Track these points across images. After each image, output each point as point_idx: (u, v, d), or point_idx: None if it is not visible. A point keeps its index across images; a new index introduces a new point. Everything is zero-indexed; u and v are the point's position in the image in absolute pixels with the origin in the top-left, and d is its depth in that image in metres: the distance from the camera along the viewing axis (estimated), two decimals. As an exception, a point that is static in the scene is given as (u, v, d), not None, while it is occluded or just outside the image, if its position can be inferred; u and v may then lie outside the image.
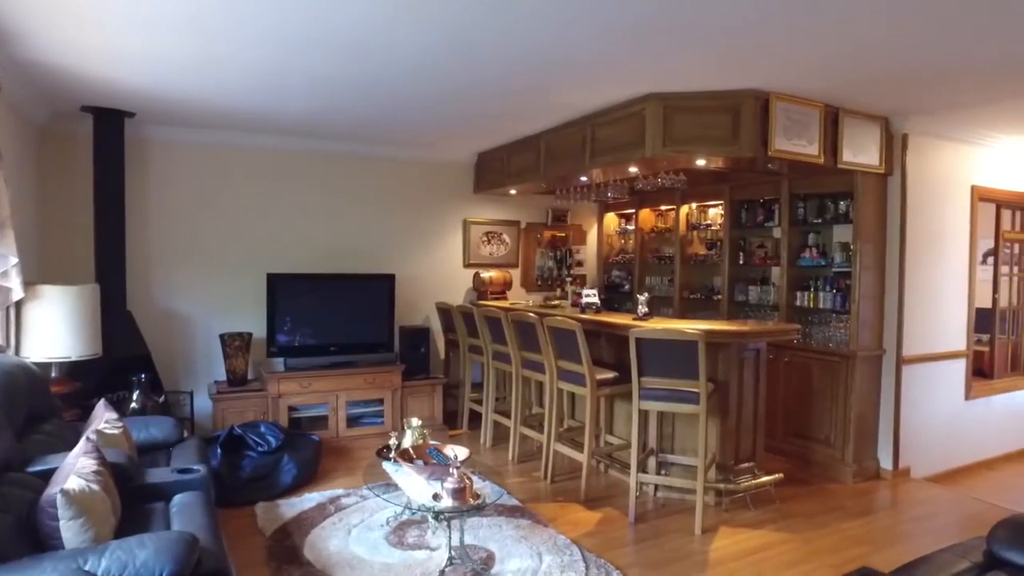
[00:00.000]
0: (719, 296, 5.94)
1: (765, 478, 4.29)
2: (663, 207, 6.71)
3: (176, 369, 5.47)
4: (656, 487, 4.42)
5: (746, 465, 4.34)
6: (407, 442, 3.72)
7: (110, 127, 4.81)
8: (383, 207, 6.31)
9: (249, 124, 5.25)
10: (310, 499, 4.23)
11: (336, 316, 5.72)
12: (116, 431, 3.12)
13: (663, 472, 4.42)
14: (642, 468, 4.29)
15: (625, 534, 3.88)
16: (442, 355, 6.59)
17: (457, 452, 3.33)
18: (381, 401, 5.70)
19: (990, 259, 6.04)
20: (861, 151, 4.64)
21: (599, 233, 7.54)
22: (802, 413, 5.12)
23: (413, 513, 3.74)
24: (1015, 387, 5.92)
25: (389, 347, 5.88)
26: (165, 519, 2.66)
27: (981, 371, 5.82)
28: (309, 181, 5.98)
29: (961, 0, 2.70)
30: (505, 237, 6.94)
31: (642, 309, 4.60)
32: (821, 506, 4.35)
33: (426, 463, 3.45)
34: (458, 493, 3.09)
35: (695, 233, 6.42)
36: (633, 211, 6.99)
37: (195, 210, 5.55)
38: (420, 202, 6.50)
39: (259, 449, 4.38)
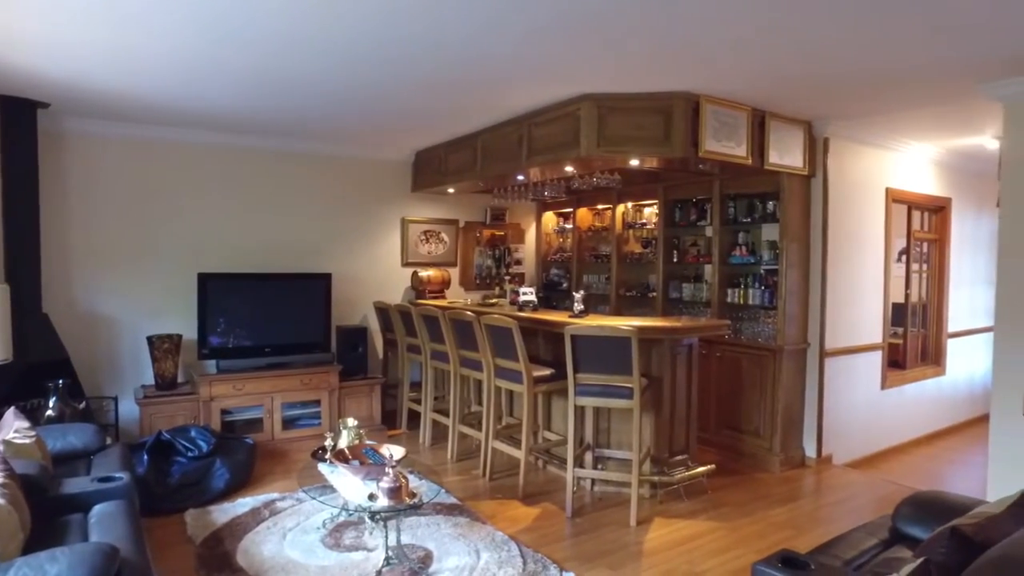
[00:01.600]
0: (654, 293, 6.09)
1: (698, 470, 4.42)
2: (600, 206, 6.83)
3: (99, 374, 5.22)
4: (593, 481, 4.50)
5: (680, 458, 4.47)
6: (343, 443, 3.68)
7: (19, 117, 4.54)
8: (320, 205, 6.20)
9: (177, 118, 5.06)
10: (244, 504, 4.12)
11: (271, 316, 5.59)
12: (27, 440, 2.97)
13: (600, 467, 4.50)
14: (579, 463, 4.36)
15: (562, 528, 3.94)
16: (380, 355, 6.52)
17: (393, 451, 3.31)
18: (318, 402, 5.60)
19: (903, 257, 6.39)
20: (786, 153, 4.84)
21: (537, 232, 7.61)
22: (733, 406, 5.31)
23: (350, 514, 3.69)
24: (924, 376, 6.29)
25: (326, 347, 5.78)
26: (83, 531, 2.54)
27: (896, 362, 6.15)
28: (243, 178, 5.81)
29: (875, 16, 2.87)
30: (444, 236, 6.92)
31: (578, 307, 4.68)
32: (750, 495, 4.51)
33: (362, 463, 3.41)
34: (394, 492, 3.07)
35: (631, 232, 6.56)
36: (571, 210, 7.09)
37: (121, 207, 5.31)
38: (358, 200, 6.41)
39: (189, 454, 4.24)
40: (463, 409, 5.30)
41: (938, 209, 6.52)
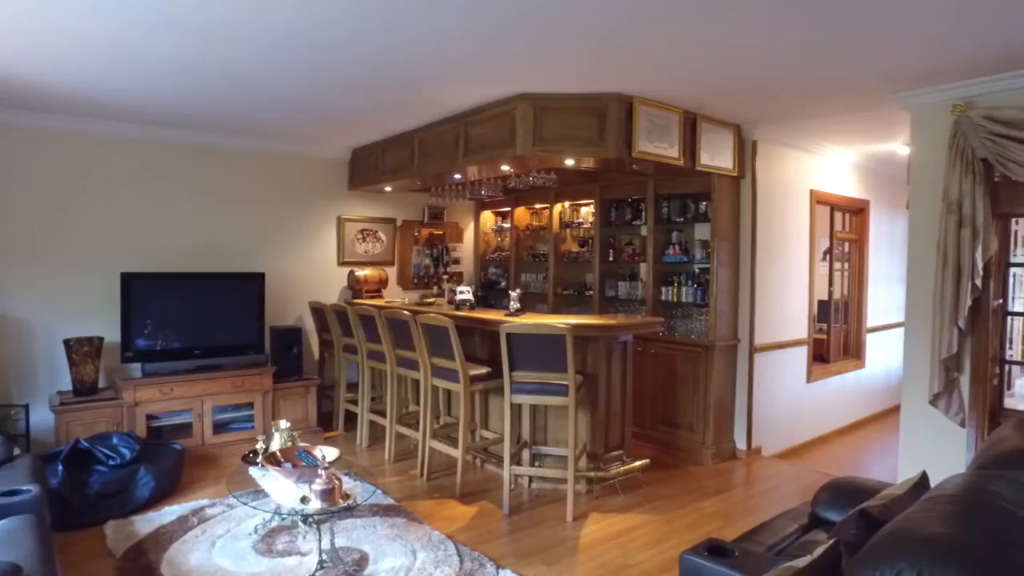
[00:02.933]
0: (591, 292, 6.18)
1: (633, 464, 4.51)
2: (538, 205, 6.88)
3: (8, 380, 4.92)
4: (530, 479, 4.53)
5: (615, 453, 4.54)
6: (275, 445, 3.59)
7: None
8: (253, 203, 6.02)
9: (101, 110, 4.82)
10: (170, 512, 3.97)
11: (202, 317, 5.40)
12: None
13: (537, 464, 4.54)
14: (516, 461, 4.39)
15: (500, 526, 3.95)
16: (316, 355, 6.40)
17: (326, 453, 3.25)
18: (251, 405, 5.44)
19: (827, 256, 6.67)
20: (717, 155, 4.99)
21: (476, 231, 7.61)
22: (668, 401, 5.44)
23: (282, 519, 3.61)
24: (846, 369, 6.60)
25: (259, 348, 5.63)
26: (-17, 550, 2.39)
27: (820, 356, 6.43)
28: (172, 174, 5.59)
29: (794, 27, 2.99)
30: (381, 235, 6.84)
31: (514, 305, 4.70)
32: (683, 487, 4.63)
33: (295, 466, 3.34)
34: (327, 494, 3.02)
35: (568, 231, 6.64)
36: (509, 209, 7.12)
37: (35, 203, 5.02)
38: (292, 198, 6.26)
39: (111, 463, 4.05)
40: (400, 409, 5.26)
41: (858, 211, 6.85)
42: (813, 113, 4.77)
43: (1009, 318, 4.32)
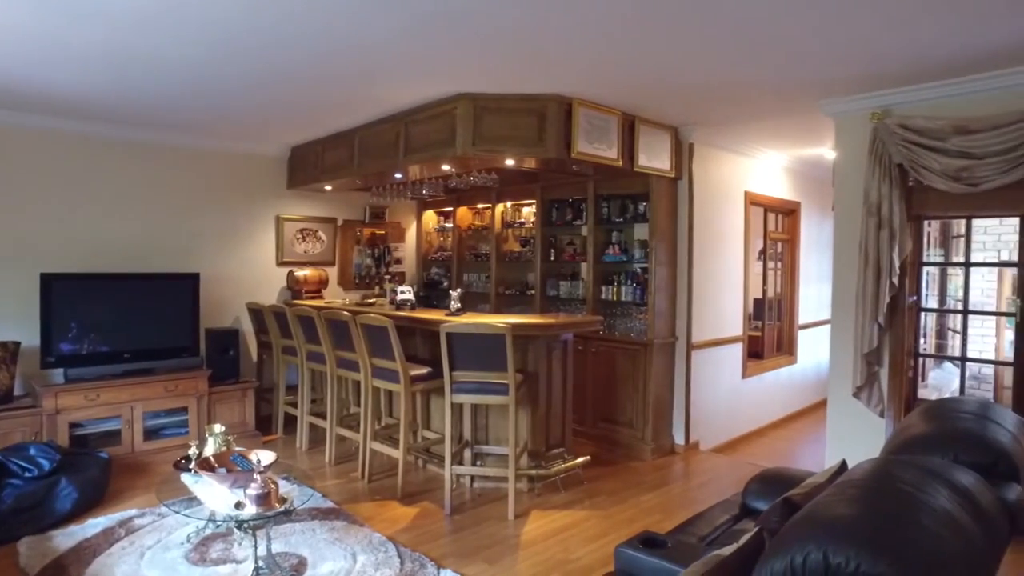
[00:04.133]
0: (533, 291, 6.23)
1: (574, 461, 4.57)
2: (480, 205, 6.89)
3: (-81, 387, 4.63)
4: (472, 478, 4.53)
5: (556, 451, 4.59)
6: (209, 450, 3.49)
7: None
8: (188, 201, 5.83)
9: (19, 101, 4.57)
10: (94, 525, 3.80)
11: (132, 320, 5.19)
12: None
13: (479, 463, 4.55)
14: (458, 460, 4.39)
15: (441, 526, 3.94)
16: (254, 358, 6.24)
17: (262, 457, 3.18)
18: (185, 409, 5.26)
19: (762, 256, 6.90)
20: (655, 157, 5.10)
21: (418, 230, 7.57)
22: (608, 399, 5.52)
23: (217, 526, 3.52)
24: (779, 365, 6.85)
25: (194, 351, 5.45)
26: None
27: (755, 352, 6.64)
28: (97, 171, 5.35)
29: (724, 35, 3.09)
30: (321, 234, 6.72)
31: (455, 305, 4.70)
32: (623, 483, 4.72)
33: (230, 471, 3.25)
34: (262, 499, 2.95)
35: (510, 231, 6.67)
36: (451, 209, 7.10)
37: (-57, 200, 4.74)
38: (229, 196, 6.09)
39: (27, 475, 3.84)
40: (341, 411, 5.19)
41: (790, 212, 7.11)
42: (746, 117, 4.94)
43: (922, 314, 4.57)
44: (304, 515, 3.90)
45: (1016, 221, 3.94)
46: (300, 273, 6.37)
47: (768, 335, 6.86)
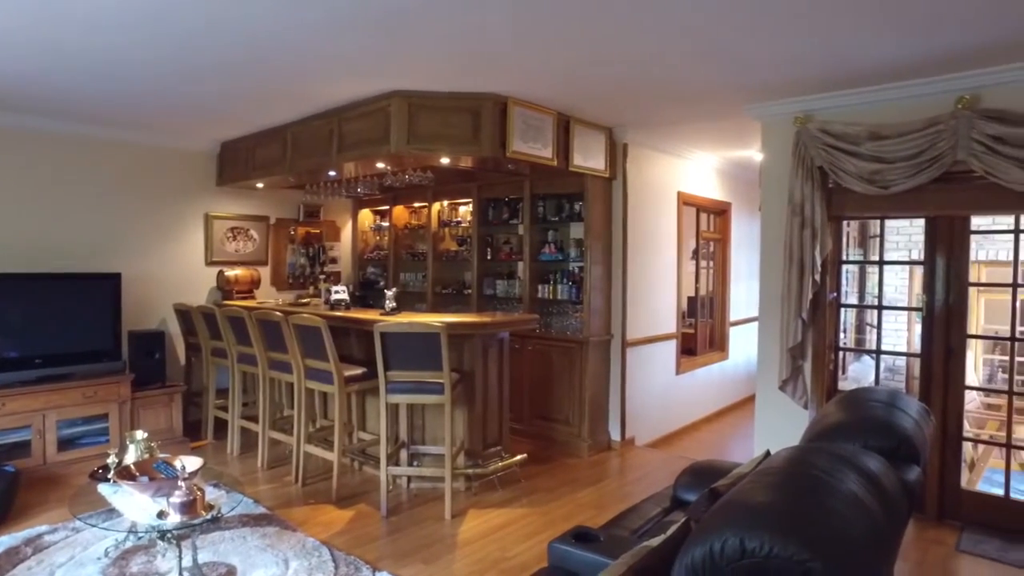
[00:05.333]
0: (470, 290, 6.22)
1: (511, 460, 4.59)
2: (416, 204, 6.84)
3: None
4: (409, 479, 4.49)
5: (494, 449, 4.60)
6: (130, 458, 3.34)
7: None
8: (109, 198, 5.55)
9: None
10: (-3, 544, 3.56)
11: (45, 323, 4.90)
12: None
13: (416, 463, 4.51)
14: (394, 461, 4.35)
15: (378, 528, 3.89)
16: (183, 360, 6.01)
17: (187, 463, 3.06)
18: (105, 416, 5.01)
19: (695, 254, 7.09)
20: (590, 157, 5.17)
21: (354, 229, 7.45)
22: (545, 396, 5.57)
23: (139, 538, 3.36)
24: (712, 361, 7.06)
25: (115, 355, 5.19)
26: None
27: (689, 349, 6.82)
28: (6, 164, 5.04)
29: (653, 39, 3.16)
30: (253, 233, 6.53)
31: (390, 304, 4.64)
32: (560, 480, 4.76)
33: (152, 479, 3.11)
34: (187, 507, 2.84)
35: (447, 230, 6.65)
36: (387, 208, 7.02)
37: None
38: (154, 193, 5.83)
39: (-80, 492, 3.58)
40: (274, 414, 5.06)
41: (721, 212, 7.33)
42: (679, 119, 5.06)
43: (842, 310, 4.79)
44: (234, 522, 3.78)
45: (923, 222, 4.16)
46: (231, 273, 6.17)
47: (701, 332, 7.05)
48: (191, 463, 3.12)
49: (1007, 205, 3.69)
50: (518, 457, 4.63)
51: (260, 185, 6.07)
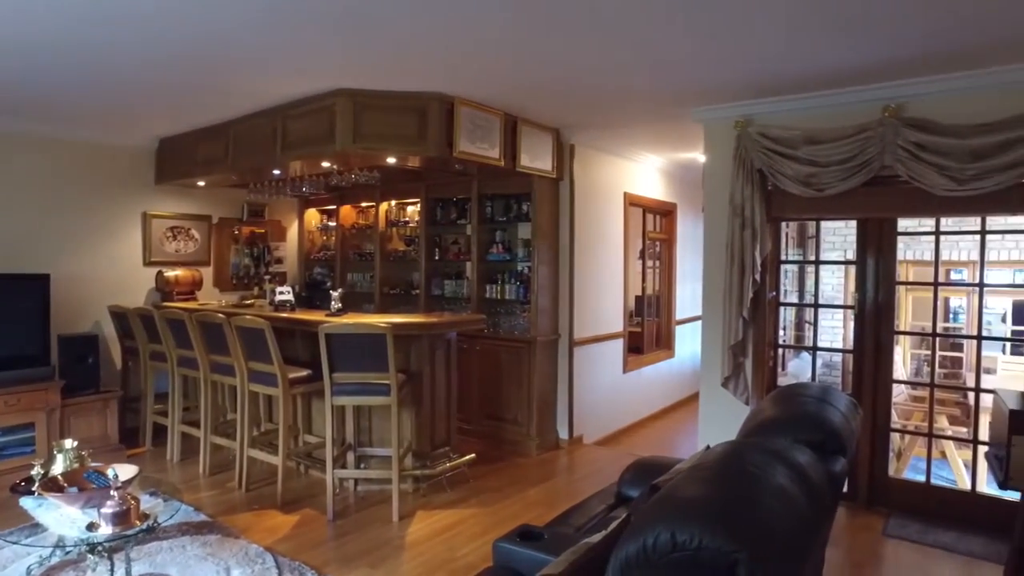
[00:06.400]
0: (418, 291, 6.18)
1: (459, 460, 4.58)
2: (364, 204, 6.76)
3: None
4: (356, 481, 4.44)
5: (442, 450, 4.58)
6: (57, 469, 3.19)
7: None
8: (35, 195, 5.29)
9: None
10: (-99, 568, 3.37)
11: (-39, 327, 4.66)
12: None
13: (363, 465, 4.46)
14: (340, 464, 4.29)
15: (324, 533, 3.84)
16: (119, 365, 5.79)
17: (121, 472, 2.95)
18: (31, 426, 4.77)
19: (641, 254, 7.22)
20: (537, 157, 5.20)
21: (300, 229, 7.31)
22: (493, 396, 5.58)
23: (67, 552, 3.22)
24: (658, 359, 7.19)
25: (43, 360, 4.96)
26: None
27: (636, 347, 6.93)
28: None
29: (598, 43, 3.20)
30: (194, 233, 6.34)
31: (336, 305, 4.58)
32: (509, 479, 4.78)
33: (82, 490, 2.99)
34: (120, 517, 2.74)
35: (394, 230, 6.59)
36: (334, 207, 6.92)
37: None
38: (86, 191, 5.59)
39: None
40: (216, 418, 4.93)
41: (667, 212, 7.48)
42: (625, 121, 5.14)
43: (782, 308, 4.95)
44: (173, 531, 3.67)
45: (856, 223, 4.34)
46: (171, 273, 5.98)
47: (648, 330, 7.18)
48: (125, 471, 3.01)
49: (929, 208, 3.89)
50: (466, 457, 4.63)
51: (202, 183, 5.90)
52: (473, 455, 4.72)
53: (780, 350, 5.13)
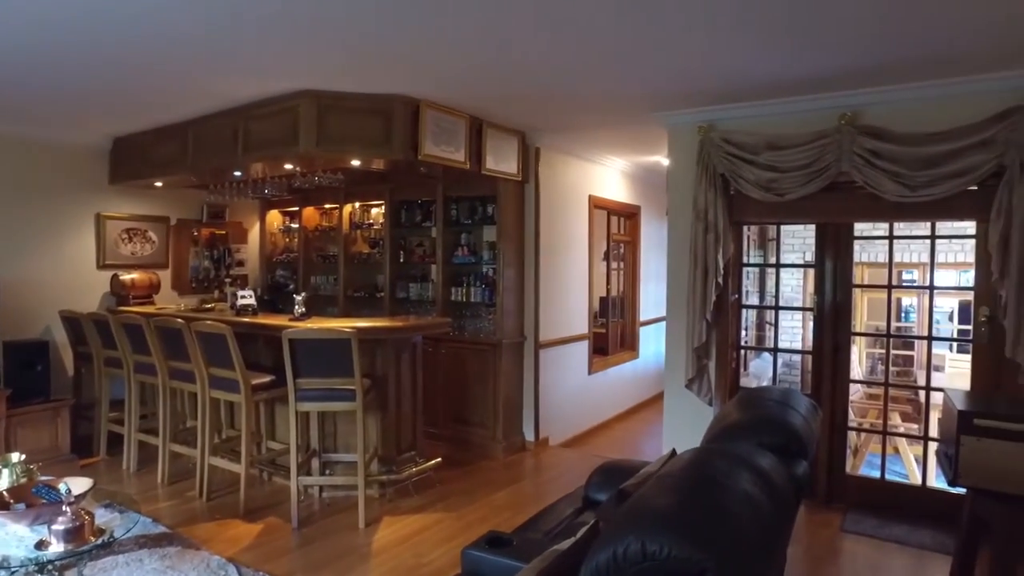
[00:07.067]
0: (382, 294, 6.13)
1: (426, 464, 4.56)
2: (327, 206, 6.67)
3: None
4: (321, 488, 4.39)
5: (408, 454, 4.55)
6: (2, 484, 3.06)
7: None
8: (-21, 195, 5.11)
9: None
10: None
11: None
12: None
13: (328, 472, 4.41)
14: (305, 471, 4.24)
15: (288, 541, 3.78)
16: (71, 372, 5.60)
17: (74, 485, 2.85)
18: (-23, 437, 4.61)
19: (606, 256, 7.28)
20: (502, 160, 5.20)
21: (262, 231, 7.18)
22: (460, 399, 5.56)
23: (12, 573, 3.10)
24: (623, 360, 7.26)
25: (-12, 368, 4.78)
26: None
27: (601, 349, 6.99)
28: None
29: (564, 45, 3.21)
30: (151, 235, 6.17)
31: (299, 309, 4.51)
32: (476, 483, 4.77)
33: (31, 506, 2.88)
34: (72, 534, 2.64)
35: (359, 232, 6.52)
36: (297, 209, 6.82)
37: None
38: (34, 191, 5.39)
39: None
40: (176, 425, 4.81)
41: (631, 215, 7.56)
42: (590, 125, 5.18)
43: (744, 310, 5.05)
44: (130, 545, 3.56)
45: (814, 226, 4.45)
46: (127, 277, 5.80)
47: (612, 332, 7.24)
48: (78, 484, 2.90)
49: (884, 214, 4.01)
50: (433, 461, 4.61)
51: (159, 184, 5.75)
52: (439, 459, 4.70)
53: (742, 351, 5.22)
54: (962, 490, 3.07)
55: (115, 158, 5.79)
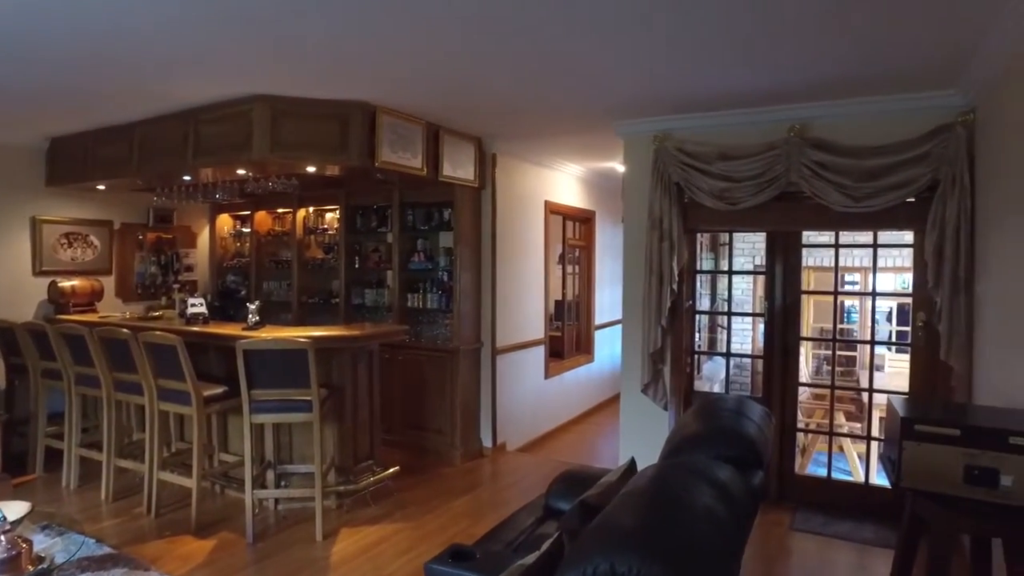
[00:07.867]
0: (337, 300, 6.04)
1: (383, 473, 4.50)
2: (280, 210, 6.54)
3: None
4: (277, 500, 4.30)
5: (365, 464, 4.50)
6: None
7: None
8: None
9: None
10: None
11: None
12: None
13: (283, 484, 4.32)
14: (260, 483, 4.14)
15: (243, 557, 3.69)
16: (2, 385, 5.32)
17: (7, 510, 2.68)
18: (-97, 455, 4.35)
19: (562, 260, 7.34)
20: (459, 166, 5.19)
21: (212, 235, 6.98)
22: (417, 406, 5.53)
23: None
24: (579, 364, 7.33)
25: (-85, 382, 4.52)
26: None
27: (557, 352, 7.04)
28: None
29: (524, 54, 3.23)
30: (93, 239, 5.94)
31: (253, 318, 4.40)
32: (434, 490, 4.75)
33: (-38, 533, 2.73)
34: (8, 564, 2.50)
35: (313, 237, 6.42)
36: (249, 213, 6.66)
37: None
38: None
39: None
40: (121, 439, 4.63)
41: (586, 220, 7.64)
42: (545, 132, 5.21)
43: (697, 315, 5.16)
44: (72, 569, 3.40)
45: (764, 233, 4.58)
46: (66, 284, 5.57)
47: (568, 335, 7.31)
48: (13, 510, 2.70)
49: (830, 223, 4.17)
50: (390, 470, 4.56)
51: (102, 187, 5.53)
52: (397, 467, 4.65)
53: (697, 356, 5.34)
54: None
55: (52, 159, 5.55)
